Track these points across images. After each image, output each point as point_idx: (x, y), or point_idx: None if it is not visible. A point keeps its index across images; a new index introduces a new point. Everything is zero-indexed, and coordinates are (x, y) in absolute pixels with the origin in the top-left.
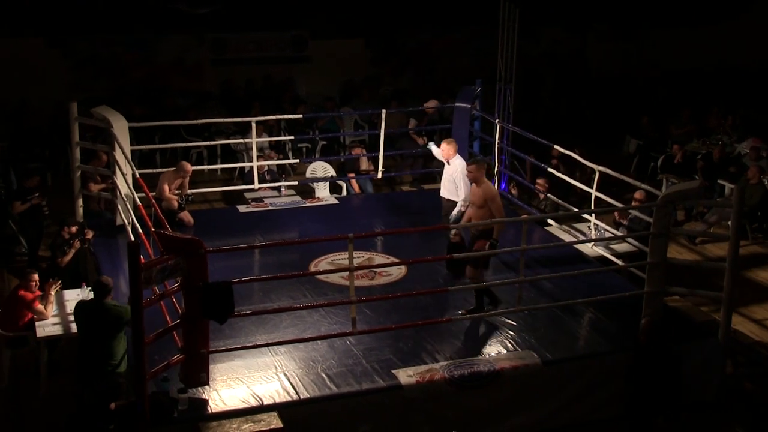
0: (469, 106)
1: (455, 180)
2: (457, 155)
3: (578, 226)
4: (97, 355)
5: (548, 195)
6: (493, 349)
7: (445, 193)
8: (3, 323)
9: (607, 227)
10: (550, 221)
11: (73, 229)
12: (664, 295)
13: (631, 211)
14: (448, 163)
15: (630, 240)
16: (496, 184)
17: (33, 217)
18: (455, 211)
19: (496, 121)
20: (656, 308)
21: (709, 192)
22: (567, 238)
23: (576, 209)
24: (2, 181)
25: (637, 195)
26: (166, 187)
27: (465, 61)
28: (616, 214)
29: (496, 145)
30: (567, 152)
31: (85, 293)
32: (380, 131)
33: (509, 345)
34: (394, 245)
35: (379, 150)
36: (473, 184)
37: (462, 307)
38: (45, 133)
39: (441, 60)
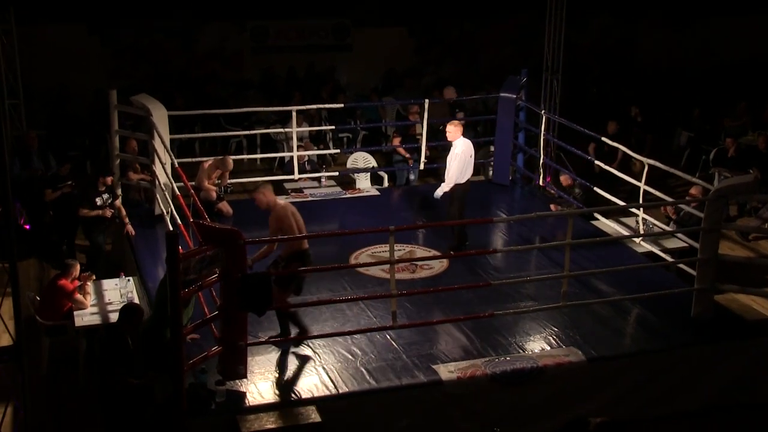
0: (514, 96)
1: (450, 162)
2: (462, 138)
3: (626, 220)
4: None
5: (576, 189)
6: (537, 345)
7: (444, 175)
8: (42, 312)
9: (656, 222)
10: (597, 215)
11: (109, 180)
12: (714, 293)
13: (681, 206)
14: (453, 144)
15: (680, 235)
16: (541, 177)
17: (66, 206)
18: (437, 192)
19: (542, 112)
20: (706, 306)
21: (764, 186)
22: (614, 233)
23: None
24: (43, 168)
25: (693, 191)
26: (206, 177)
27: (510, 50)
28: (666, 208)
29: (542, 137)
30: (615, 145)
31: (123, 283)
32: (423, 121)
33: (553, 341)
34: (436, 238)
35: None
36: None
37: (505, 301)
38: (85, 120)
39: (485, 49)
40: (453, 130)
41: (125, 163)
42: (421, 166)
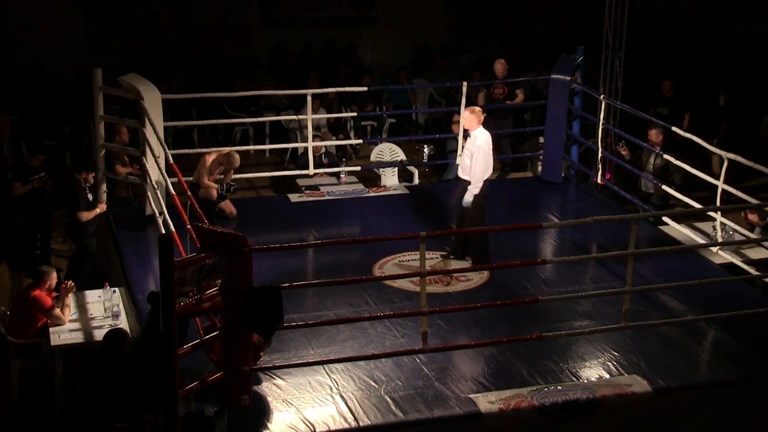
0: (569, 78)
1: (472, 156)
2: (481, 127)
3: (701, 225)
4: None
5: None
6: (593, 372)
7: (461, 172)
8: (12, 329)
9: (738, 228)
10: (666, 220)
11: (91, 177)
12: None
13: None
14: (469, 135)
15: (767, 244)
16: (599, 173)
17: (38, 203)
18: (466, 198)
19: (601, 96)
20: None
21: None
22: (687, 240)
23: (699, 205)
24: (14, 158)
25: None
26: (206, 173)
27: (563, 24)
28: (748, 212)
29: (600, 126)
30: (688, 136)
31: (107, 295)
32: (459, 108)
33: (613, 368)
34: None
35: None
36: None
37: (556, 319)
38: (64, 104)
39: (535, 23)
40: (470, 118)
41: (111, 155)
42: (457, 160)
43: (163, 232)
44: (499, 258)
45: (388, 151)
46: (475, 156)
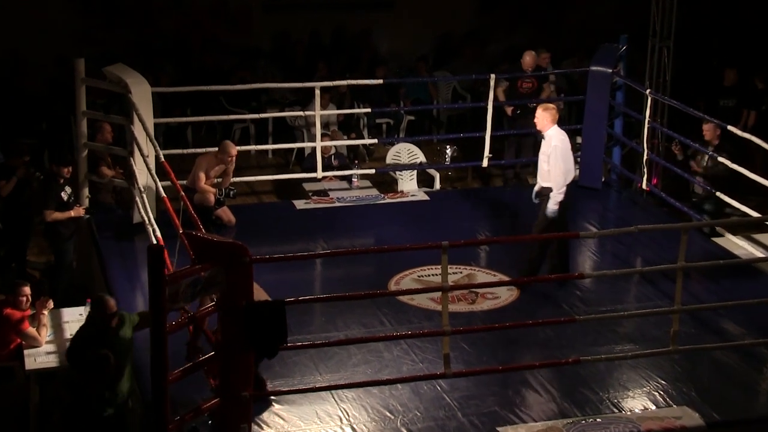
0: (610, 71)
1: (549, 159)
2: (555, 126)
3: (760, 237)
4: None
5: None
6: (637, 403)
7: (539, 178)
8: None
9: None
10: (720, 231)
11: (66, 171)
12: None
13: None
14: (543, 137)
15: None
16: (645, 178)
17: (15, 207)
18: (550, 207)
19: (647, 91)
20: None
21: None
22: (744, 254)
23: (758, 214)
24: None
25: None
26: (203, 175)
27: (604, 9)
28: None
29: (646, 125)
30: (748, 137)
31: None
32: (487, 103)
33: (659, 398)
34: (504, 258)
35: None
36: None
37: (595, 342)
38: (43, 98)
39: (571, 9)
40: (543, 117)
41: (95, 155)
42: (485, 163)
43: (153, 241)
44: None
45: (405, 152)
46: (553, 158)
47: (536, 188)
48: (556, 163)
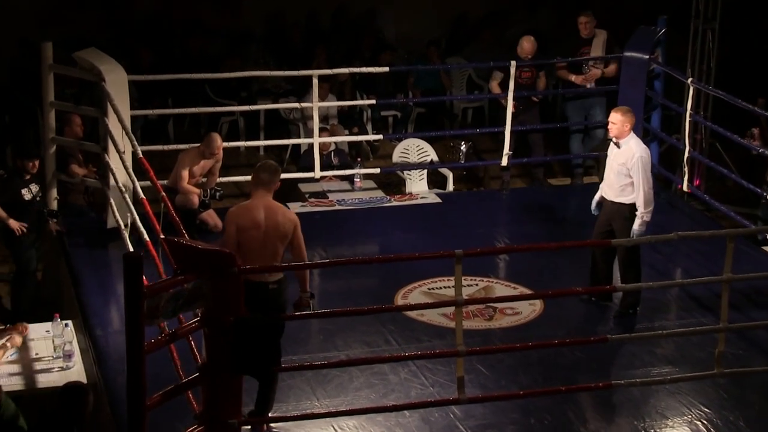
0: (647, 57)
1: (630, 172)
2: (633, 134)
3: None
4: None
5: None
6: None
7: (608, 190)
8: None
9: None
10: None
11: (32, 165)
12: None
13: None
14: (617, 144)
15: None
16: (685, 178)
17: None
18: (636, 227)
19: (689, 80)
20: None
21: None
22: None
23: None
24: None
25: None
26: (186, 173)
27: None
28: None
29: (688, 118)
30: None
31: (58, 329)
32: (507, 94)
33: (702, 428)
34: (526, 269)
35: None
36: (266, 194)
37: (630, 365)
38: (4, 88)
39: None
40: (621, 121)
41: (64, 152)
42: (504, 162)
43: (130, 249)
44: (557, 284)
45: (414, 148)
46: (638, 172)
47: (598, 197)
48: (644, 177)
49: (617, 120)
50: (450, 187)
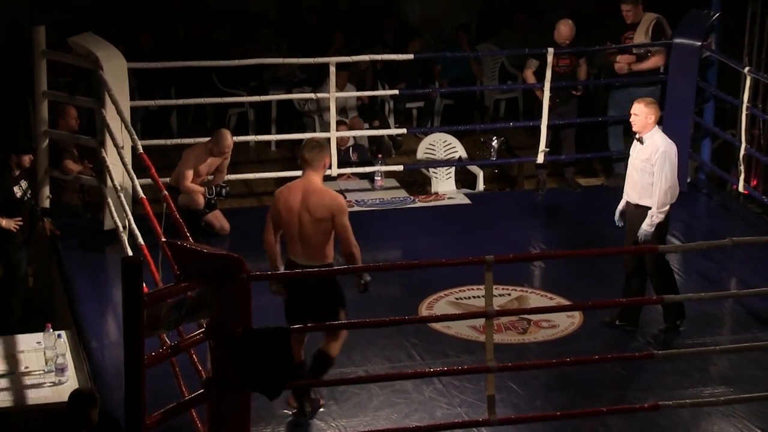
0: (699, 44)
1: (653, 169)
2: (657, 128)
3: None
4: None
5: None
6: None
7: (630, 192)
8: None
9: None
10: None
11: (26, 160)
12: None
13: None
14: (640, 140)
15: None
16: (741, 178)
17: None
18: (644, 228)
19: (746, 69)
20: None
21: None
22: None
23: None
24: None
25: None
26: (191, 172)
27: None
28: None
29: (744, 111)
30: None
31: (49, 341)
32: (543, 84)
33: None
34: (563, 277)
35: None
36: (311, 174)
37: (678, 384)
38: None
39: None
40: (647, 113)
41: (58, 146)
42: (540, 159)
43: (129, 253)
44: (597, 294)
45: (441, 144)
46: (660, 168)
47: (621, 206)
48: (666, 174)
49: (640, 111)
50: (480, 186)
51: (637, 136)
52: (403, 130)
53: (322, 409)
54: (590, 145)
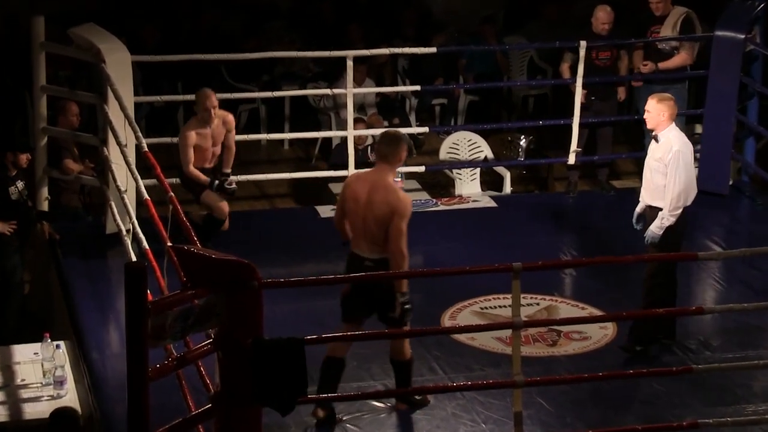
0: (742, 36)
1: (667, 168)
2: (673, 125)
3: None
4: None
5: None
6: None
7: (644, 193)
8: None
9: None
10: None
11: (23, 158)
12: None
13: None
14: (656, 138)
15: None
16: None
17: None
18: (652, 229)
19: None
20: None
21: None
22: None
23: None
24: None
25: None
26: (191, 152)
27: None
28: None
29: None
30: None
31: (47, 352)
32: (576, 79)
33: None
34: (596, 285)
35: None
36: (384, 168)
37: (720, 401)
38: None
39: None
40: (660, 110)
41: (57, 144)
42: (571, 160)
43: (133, 258)
44: (632, 304)
45: (465, 143)
46: (673, 167)
47: (639, 209)
48: (676, 174)
49: (652, 108)
50: (507, 188)
51: (653, 133)
52: (425, 129)
53: (347, 425)
54: (624, 145)
